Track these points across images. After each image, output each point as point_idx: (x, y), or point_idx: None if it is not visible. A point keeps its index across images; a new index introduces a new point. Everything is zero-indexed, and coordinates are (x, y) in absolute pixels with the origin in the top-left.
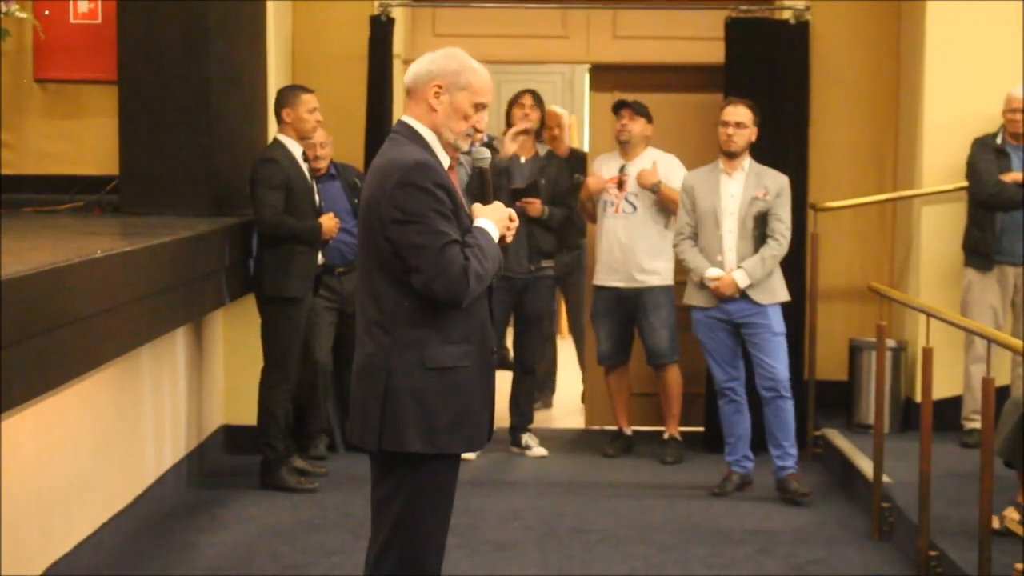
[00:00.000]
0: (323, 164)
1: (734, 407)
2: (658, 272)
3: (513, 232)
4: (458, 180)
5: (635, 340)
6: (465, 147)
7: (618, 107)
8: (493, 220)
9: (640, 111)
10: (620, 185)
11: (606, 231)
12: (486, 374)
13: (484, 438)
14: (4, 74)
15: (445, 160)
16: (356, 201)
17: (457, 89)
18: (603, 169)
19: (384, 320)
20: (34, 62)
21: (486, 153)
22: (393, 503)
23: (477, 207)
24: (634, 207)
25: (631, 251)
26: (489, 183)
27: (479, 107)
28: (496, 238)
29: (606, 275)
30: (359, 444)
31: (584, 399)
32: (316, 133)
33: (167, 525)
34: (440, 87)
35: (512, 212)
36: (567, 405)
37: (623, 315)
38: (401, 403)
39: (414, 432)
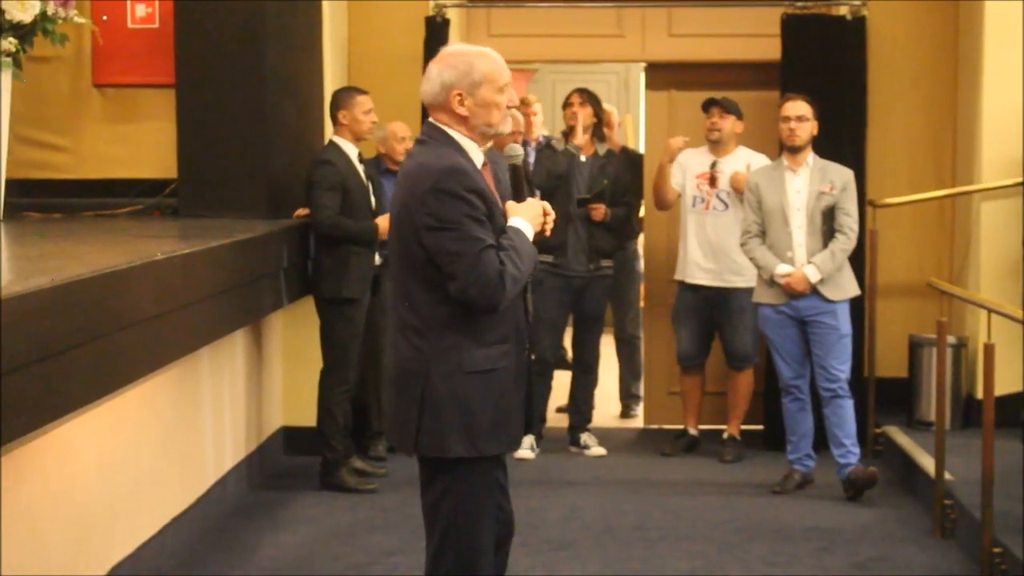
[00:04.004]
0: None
1: (799, 405)
2: (746, 272)
3: (550, 225)
4: (492, 179)
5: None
6: (506, 130)
7: (708, 105)
8: (527, 218)
9: (731, 108)
10: (712, 181)
11: (696, 228)
12: (521, 373)
13: (521, 437)
14: (63, 79)
15: (479, 159)
16: None
17: (476, 88)
18: (691, 165)
19: (420, 325)
20: (93, 67)
21: (518, 150)
22: (441, 509)
23: (511, 205)
24: (726, 204)
25: (722, 249)
26: (522, 179)
27: (503, 89)
28: (531, 236)
29: (694, 273)
30: (397, 448)
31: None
32: (395, 126)
33: (228, 526)
34: (460, 94)
35: (547, 205)
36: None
37: (706, 315)
38: (441, 408)
39: (455, 436)
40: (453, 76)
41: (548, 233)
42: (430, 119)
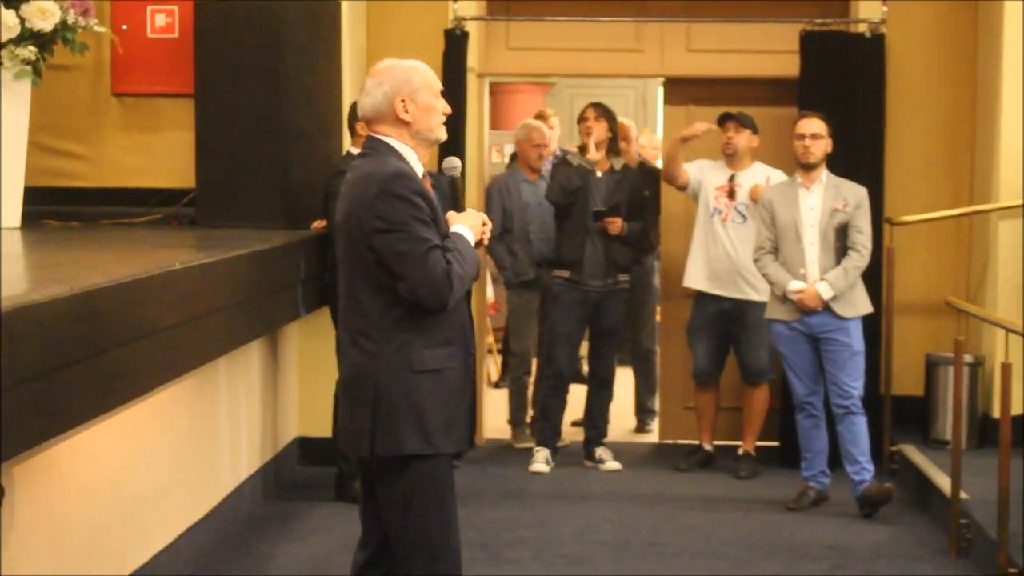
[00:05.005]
0: None
1: (813, 422)
2: (762, 285)
3: (488, 234)
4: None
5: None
6: (443, 137)
7: (723, 119)
8: (468, 226)
9: (746, 123)
10: (731, 194)
11: (713, 239)
12: (467, 374)
13: (469, 438)
14: (83, 88)
15: (419, 169)
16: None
17: (417, 93)
18: (711, 177)
19: (369, 329)
20: (112, 76)
21: (456, 163)
22: (411, 511)
23: (452, 215)
24: (744, 217)
25: (739, 262)
26: (460, 191)
27: (438, 95)
28: (472, 243)
29: (711, 284)
30: (349, 451)
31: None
32: None
33: (243, 537)
34: (404, 100)
35: (484, 216)
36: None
37: (721, 330)
38: (394, 408)
39: (410, 435)
40: (394, 85)
41: (486, 242)
42: (370, 134)
